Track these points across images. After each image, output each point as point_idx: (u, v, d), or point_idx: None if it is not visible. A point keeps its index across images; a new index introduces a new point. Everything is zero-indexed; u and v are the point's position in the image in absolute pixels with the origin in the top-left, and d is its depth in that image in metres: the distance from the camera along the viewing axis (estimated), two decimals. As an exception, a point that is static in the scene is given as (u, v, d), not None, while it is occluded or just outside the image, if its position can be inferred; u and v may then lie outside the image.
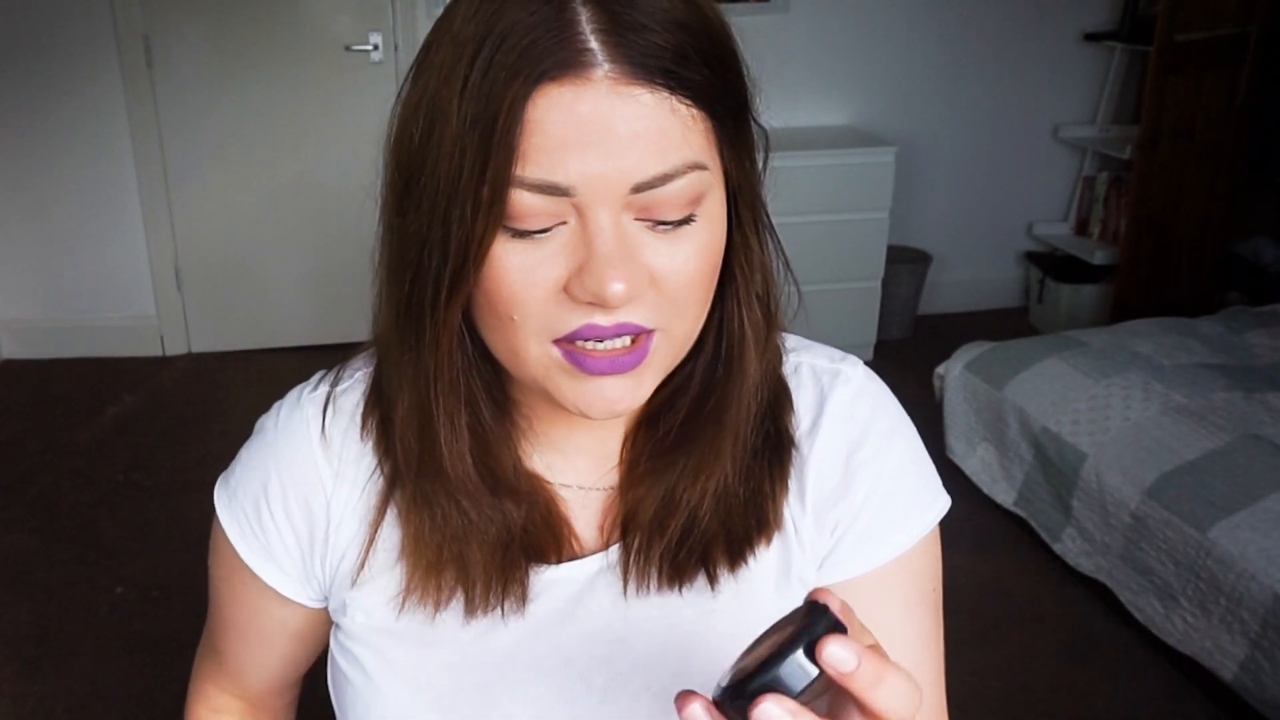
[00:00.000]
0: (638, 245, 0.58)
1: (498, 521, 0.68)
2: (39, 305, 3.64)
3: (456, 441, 0.66)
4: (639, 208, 0.57)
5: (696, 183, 0.58)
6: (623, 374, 0.60)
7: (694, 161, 0.58)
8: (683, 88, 0.57)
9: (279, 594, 0.75)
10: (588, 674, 0.70)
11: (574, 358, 0.59)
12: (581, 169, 0.55)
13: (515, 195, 0.56)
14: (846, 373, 0.75)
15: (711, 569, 0.69)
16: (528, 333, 0.59)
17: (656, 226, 0.58)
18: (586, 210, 0.56)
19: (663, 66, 0.56)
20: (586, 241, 0.57)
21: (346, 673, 0.73)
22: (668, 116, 0.56)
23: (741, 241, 0.64)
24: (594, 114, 0.55)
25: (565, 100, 0.55)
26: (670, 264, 0.59)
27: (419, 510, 0.68)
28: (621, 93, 0.55)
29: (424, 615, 0.69)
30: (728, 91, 0.60)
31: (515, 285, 0.58)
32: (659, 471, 0.69)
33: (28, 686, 2.16)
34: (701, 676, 0.69)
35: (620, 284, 0.56)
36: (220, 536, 0.76)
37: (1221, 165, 3.53)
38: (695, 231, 0.59)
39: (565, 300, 0.58)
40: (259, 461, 0.74)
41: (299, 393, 0.75)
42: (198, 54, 3.40)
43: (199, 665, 0.89)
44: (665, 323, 0.60)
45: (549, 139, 0.55)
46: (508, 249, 0.58)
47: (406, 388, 0.65)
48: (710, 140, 0.59)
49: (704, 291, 0.62)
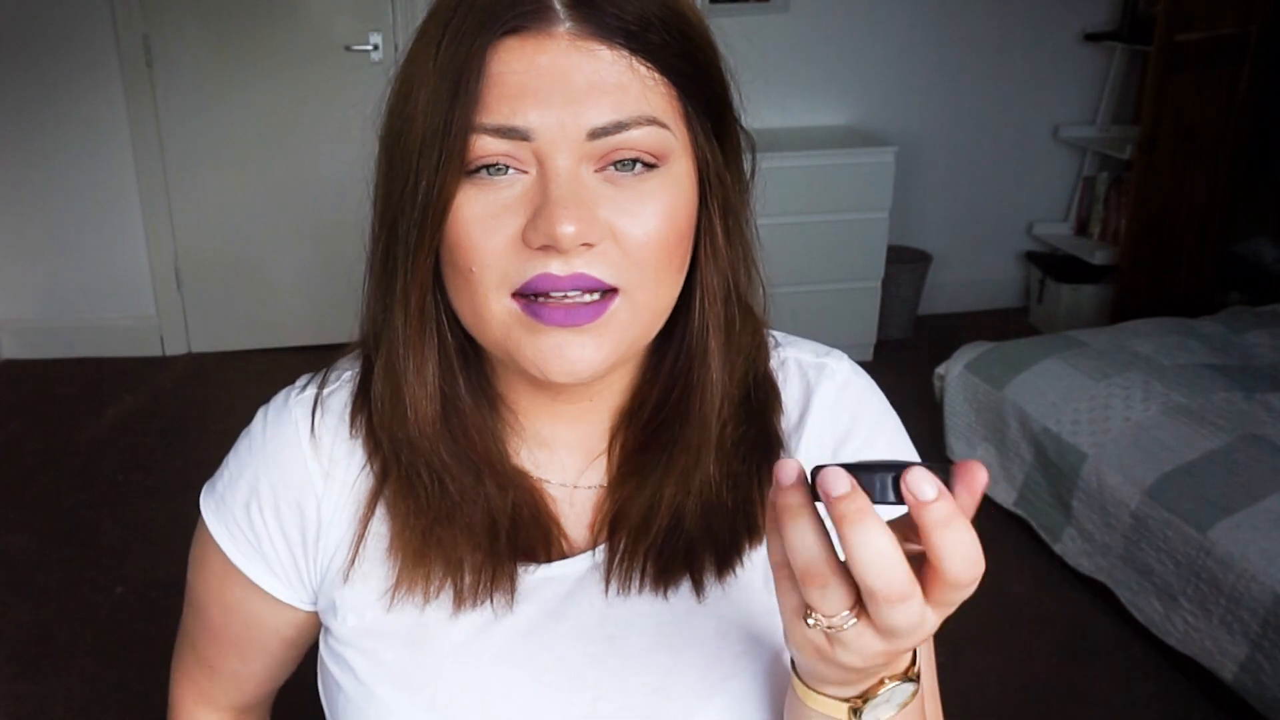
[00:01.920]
0: (596, 197, 0.59)
1: (481, 506, 0.68)
2: (39, 305, 3.64)
3: (425, 400, 0.66)
4: (597, 158, 0.59)
5: (656, 138, 0.60)
6: (580, 329, 0.60)
7: (651, 116, 0.59)
8: (643, 50, 0.59)
9: (273, 598, 0.75)
10: (581, 672, 0.70)
11: (531, 310, 0.60)
12: (540, 115, 0.58)
13: (477, 141, 0.58)
14: (832, 366, 0.76)
15: (698, 575, 0.69)
16: (488, 286, 0.60)
17: (615, 171, 0.60)
18: (545, 157, 0.58)
19: (624, 28, 0.59)
20: (543, 188, 0.59)
21: (338, 679, 0.72)
22: (626, 73, 0.59)
23: (708, 227, 0.65)
24: (553, 65, 0.58)
25: (527, 53, 0.58)
26: (631, 220, 0.60)
27: (406, 496, 0.68)
28: (581, 48, 0.58)
29: (414, 608, 0.69)
30: (695, 67, 0.62)
31: (475, 235, 0.60)
32: (642, 470, 0.69)
33: (28, 686, 2.16)
34: (694, 672, 0.70)
35: (570, 225, 0.57)
36: (208, 546, 0.76)
37: (1221, 165, 3.52)
38: (656, 189, 0.61)
39: (523, 250, 0.59)
40: (247, 466, 0.74)
41: (285, 396, 0.75)
42: (198, 53, 3.40)
43: (180, 684, 0.86)
44: (627, 284, 0.61)
45: (509, 88, 0.58)
46: (469, 198, 0.60)
47: (383, 349, 0.66)
48: (674, 106, 0.61)
49: (668, 256, 0.62)
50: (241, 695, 0.84)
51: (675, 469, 0.68)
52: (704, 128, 0.63)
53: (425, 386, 0.66)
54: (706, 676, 0.70)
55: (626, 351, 0.64)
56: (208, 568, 0.77)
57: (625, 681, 0.70)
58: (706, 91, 0.63)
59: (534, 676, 0.69)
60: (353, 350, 0.75)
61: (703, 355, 0.67)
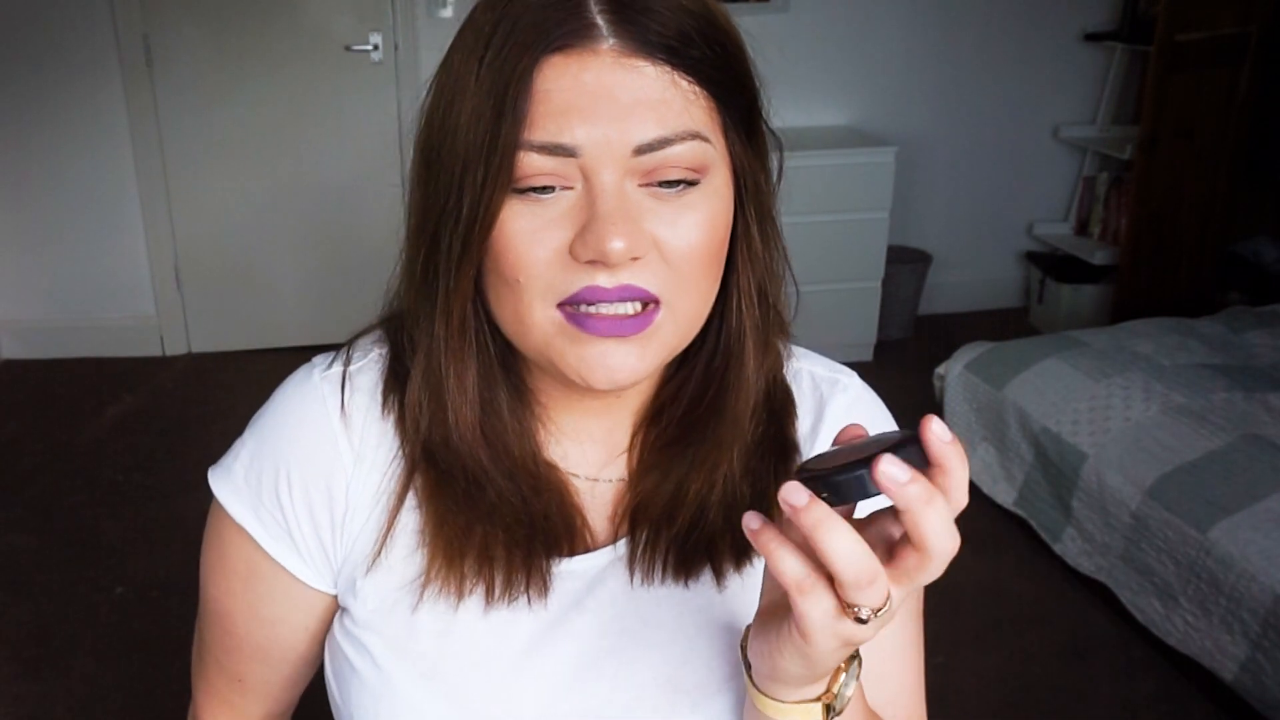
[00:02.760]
0: (641, 210, 0.60)
1: (517, 507, 0.69)
2: (39, 305, 3.64)
3: (466, 407, 0.67)
4: (642, 173, 0.60)
5: (698, 152, 0.61)
6: (624, 339, 0.61)
7: (694, 130, 0.60)
8: (685, 65, 0.60)
9: (300, 585, 0.73)
10: (598, 663, 0.70)
11: (576, 319, 0.61)
12: (586, 132, 0.58)
13: (523, 158, 0.59)
14: (845, 381, 0.79)
15: (718, 564, 0.71)
16: (533, 295, 0.61)
17: (659, 188, 0.61)
18: (591, 173, 0.59)
19: (665, 44, 0.60)
20: (590, 203, 0.59)
21: (353, 661, 0.71)
22: (669, 88, 0.60)
23: (744, 232, 0.67)
24: (598, 82, 0.59)
25: (571, 70, 0.59)
26: (673, 232, 0.61)
27: (441, 494, 0.68)
28: (625, 64, 0.59)
29: (446, 605, 0.69)
30: (732, 78, 0.63)
31: (521, 247, 0.60)
32: (666, 464, 0.71)
33: (28, 686, 2.16)
34: (706, 666, 0.71)
35: (620, 241, 0.58)
36: (231, 538, 0.73)
37: (1221, 165, 3.52)
38: (698, 202, 0.62)
39: (570, 263, 0.60)
40: (272, 447, 0.71)
41: (308, 372, 0.73)
42: (198, 54, 3.40)
43: (208, 705, 0.82)
44: (670, 294, 0.62)
45: (555, 105, 0.59)
46: (516, 212, 0.60)
47: (421, 355, 0.67)
48: (714, 119, 0.62)
49: (707, 266, 0.63)
50: (274, 703, 0.82)
51: (703, 463, 0.69)
52: (739, 135, 0.64)
53: (466, 394, 0.67)
54: (718, 671, 0.71)
55: (665, 359, 0.65)
56: (228, 564, 0.75)
57: (639, 673, 0.71)
58: (741, 99, 0.64)
59: (556, 669, 0.70)
60: (372, 332, 0.75)
61: (739, 355, 0.69)
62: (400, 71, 3.46)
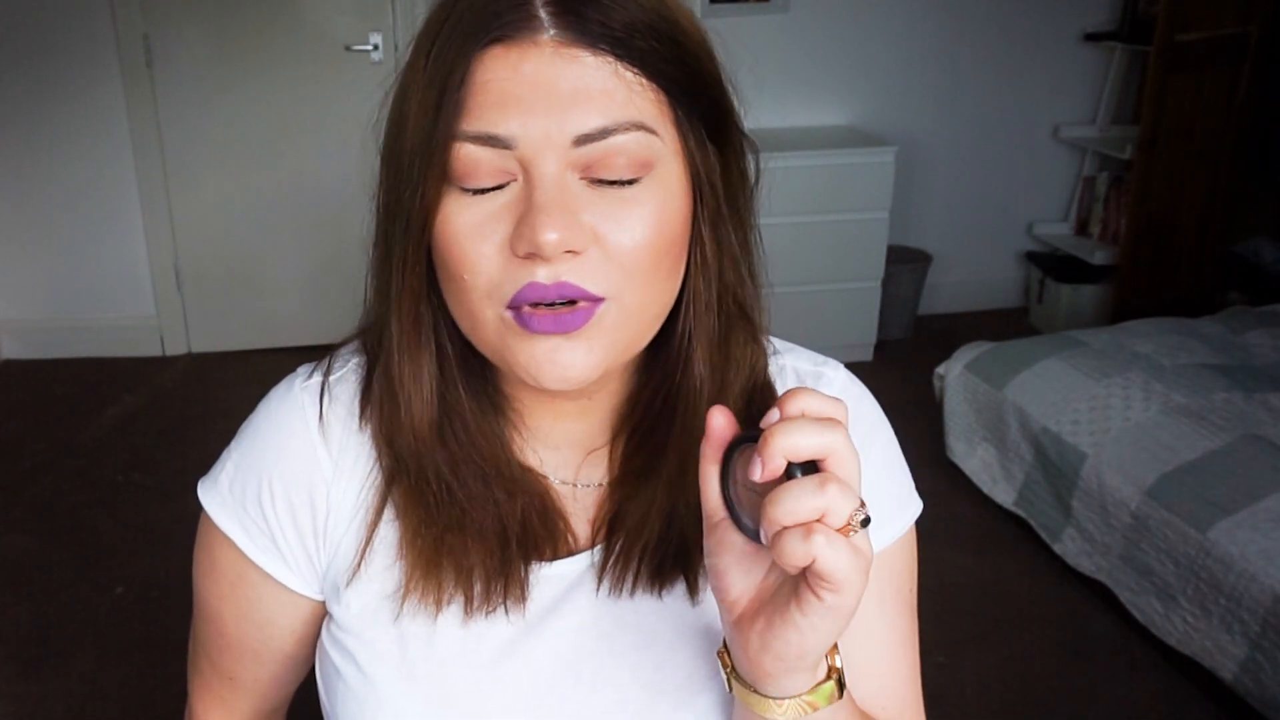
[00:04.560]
0: (580, 202, 0.60)
1: (491, 513, 0.68)
2: (39, 305, 3.64)
3: (421, 406, 0.67)
4: (583, 165, 0.59)
5: (642, 144, 0.60)
6: (568, 335, 0.60)
7: (638, 121, 0.59)
8: (629, 56, 0.59)
9: (287, 591, 0.74)
10: (576, 666, 0.70)
11: (521, 318, 0.60)
12: (522, 123, 0.58)
13: (462, 149, 0.59)
14: (829, 375, 0.77)
15: (692, 576, 0.70)
16: (480, 294, 0.61)
17: (599, 185, 0.60)
18: (530, 165, 0.59)
19: (609, 35, 0.59)
20: (528, 194, 0.59)
21: (339, 666, 0.72)
22: (611, 78, 0.59)
23: (697, 235, 0.65)
24: (538, 73, 0.58)
25: (511, 60, 0.58)
26: (615, 226, 0.60)
27: (415, 505, 0.68)
28: (565, 54, 0.58)
29: (426, 615, 0.69)
30: (686, 74, 0.62)
31: (464, 242, 0.60)
32: (638, 473, 0.70)
33: (28, 686, 2.16)
34: (686, 669, 0.71)
35: (554, 232, 0.57)
36: (218, 547, 0.75)
37: (1221, 165, 3.52)
38: (643, 196, 0.61)
39: (511, 259, 0.60)
40: (254, 457, 0.73)
41: (289, 384, 0.74)
42: (198, 54, 3.40)
43: (202, 700, 0.84)
44: (614, 290, 0.61)
45: (493, 95, 0.58)
46: (458, 206, 0.60)
47: (381, 355, 0.67)
48: (663, 112, 0.61)
49: (654, 262, 0.62)
50: (264, 700, 0.84)
51: (665, 474, 0.68)
52: (697, 134, 0.63)
53: (421, 392, 0.66)
54: (698, 674, 0.70)
55: (620, 356, 0.64)
56: (218, 570, 0.76)
57: (619, 677, 0.70)
58: (700, 97, 0.63)
59: (533, 673, 0.70)
60: (352, 341, 0.75)
61: (686, 362, 0.67)
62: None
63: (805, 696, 0.59)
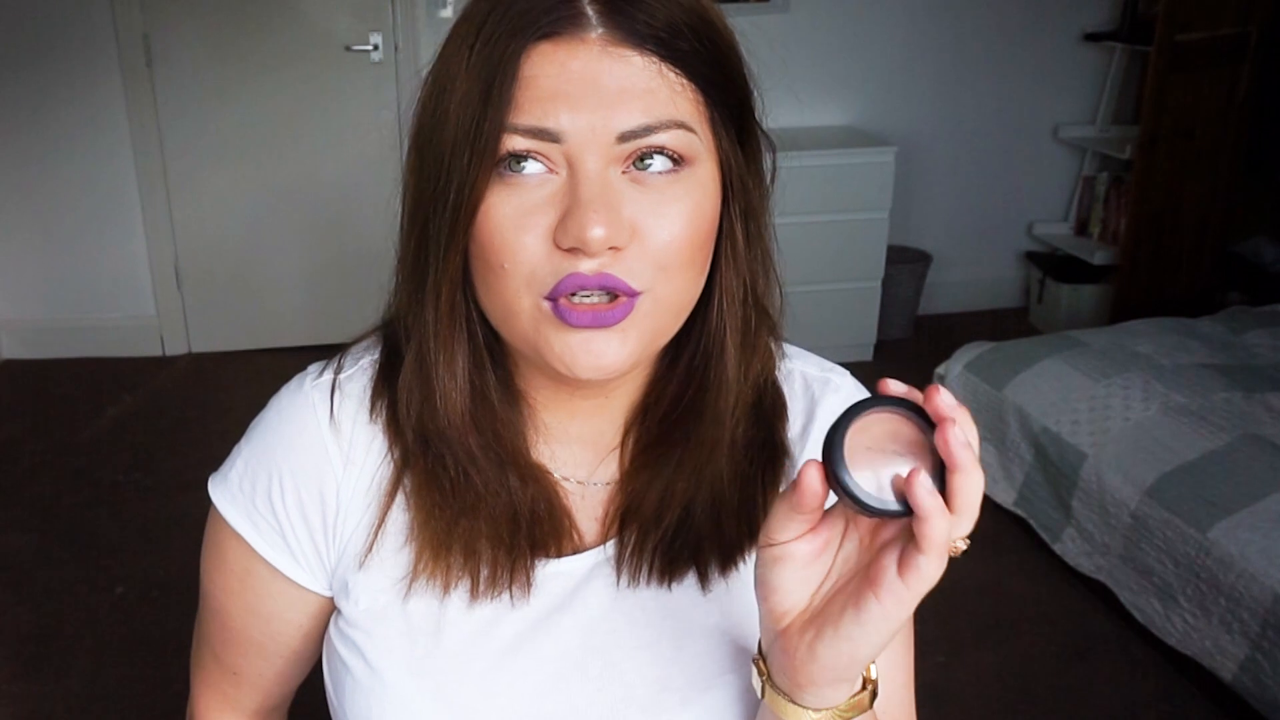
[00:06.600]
0: (622, 198, 0.61)
1: (504, 499, 0.69)
2: (39, 305, 3.64)
3: (456, 393, 0.68)
4: (624, 161, 0.61)
5: (683, 141, 0.61)
6: (606, 328, 0.62)
7: (680, 120, 0.61)
8: (673, 57, 0.61)
9: (296, 586, 0.75)
10: (584, 663, 0.71)
11: (560, 311, 0.61)
12: (571, 118, 0.59)
13: (508, 140, 0.60)
14: (836, 381, 0.79)
15: (703, 568, 0.72)
16: (518, 284, 0.62)
17: (641, 172, 0.61)
18: (575, 160, 0.60)
19: (654, 35, 0.60)
20: (573, 189, 0.60)
21: (346, 661, 0.72)
22: (656, 78, 0.60)
23: (729, 230, 0.67)
24: (585, 70, 0.59)
25: (559, 57, 0.60)
26: (654, 221, 0.61)
27: (429, 488, 0.69)
28: (612, 53, 0.60)
29: (431, 598, 0.70)
30: (721, 74, 0.63)
31: (507, 232, 0.61)
32: (654, 465, 0.71)
33: (28, 686, 2.16)
34: (693, 665, 0.72)
35: (600, 229, 0.59)
36: (227, 541, 0.75)
37: (1221, 165, 3.53)
38: (680, 192, 0.62)
39: (553, 251, 0.61)
40: (265, 454, 0.74)
41: (300, 382, 0.75)
42: (198, 54, 3.40)
43: (204, 693, 0.85)
44: (650, 284, 0.62)
45: (541, 90, 0.59)
46: (501, 197, 0.61)
47: (414, 342, 0.68)
48: (700, 112, 0.63)
49: (689, 256, 0.63)
50: (267, 697, 0.85)
51: (688, 464, 0.70)
52: (728, 133, 0.65)
53: (455, 379, 0.68)
54: (705, 669, 0.71)
55: (650, 348, 0.65)
56: (226, 565, 0.77)
57: (626, 673, 0.71)
58: (731, 97, 0.64)
59: (539, 667, 0.71)
60: (367, 338, 0.76)
61: (719, 354, 0.69)
62: (400, 71, 3.46)
63: (841, 707, 0.60)
